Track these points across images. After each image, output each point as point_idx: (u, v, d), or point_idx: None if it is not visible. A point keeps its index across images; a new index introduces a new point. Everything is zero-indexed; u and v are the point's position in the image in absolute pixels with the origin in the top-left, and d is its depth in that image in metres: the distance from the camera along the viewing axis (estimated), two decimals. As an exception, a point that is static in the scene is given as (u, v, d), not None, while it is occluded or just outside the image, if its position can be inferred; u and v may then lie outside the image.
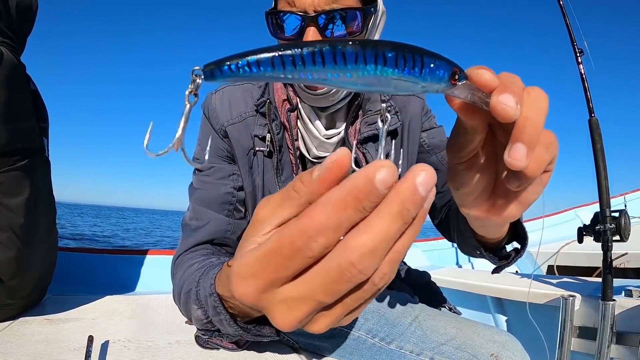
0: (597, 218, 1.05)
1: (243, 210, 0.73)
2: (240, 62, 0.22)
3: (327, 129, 0.70)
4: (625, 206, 1.10)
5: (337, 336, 0.70)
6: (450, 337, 0.60)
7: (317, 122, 0.69)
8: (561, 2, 1.16)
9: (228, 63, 0.22)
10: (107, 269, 1.58)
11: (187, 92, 0.23)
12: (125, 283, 1.54)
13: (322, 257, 0.21)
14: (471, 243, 0.52)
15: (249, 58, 0.22)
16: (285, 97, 0.69)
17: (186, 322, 0.94)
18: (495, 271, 0.54)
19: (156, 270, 1.62)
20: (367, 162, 0.71)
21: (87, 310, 1.04)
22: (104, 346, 0.77)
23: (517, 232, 0.51)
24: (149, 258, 1.64)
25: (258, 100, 0.71)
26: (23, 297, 0.98)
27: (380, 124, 0.29)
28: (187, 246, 0.68)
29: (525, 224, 0.50)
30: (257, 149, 0.70)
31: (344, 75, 0.22)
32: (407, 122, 0.74)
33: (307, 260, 0.21)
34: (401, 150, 0.73)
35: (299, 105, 0.70)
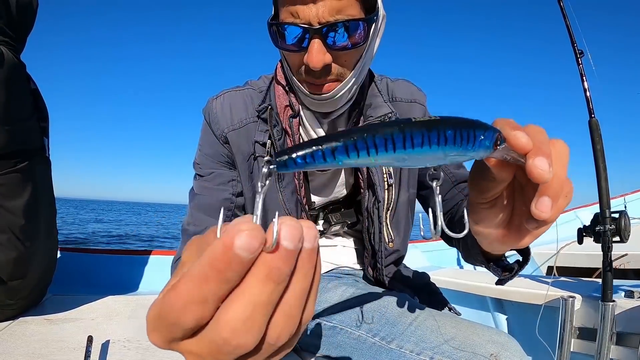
0: (597, 219, 1.05)
1: (241, 215, 0.73)
2: (314, 152, 0.22)
3: (328, 133, 0.71)
4: (625, 207, 1.10)
5: (337, 335, 0.70)
6: (450, 337, 0.60)
7: (319, 129, 0.69)
8: (561, 3, 1.16)
9: (302, 153, 0.22)
10: (107, 269, 1.58)
11: (259, 184, 0.22)
12: (125, 283, 1.54)
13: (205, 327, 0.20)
14: (478, 259, 0.52)
15: (324, 147, 0.21)
16: (288, 104, 0.69)
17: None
18: (499, 283, 0.54)
19: (156, 270, 1.62)
20: (368, 169, 0.72)
21: (87, 310, 1.04)
22: (104, 346, 0.77)
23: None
24: (148, 258, 1.64)
25: (259, 105, 0.70)
26: (23, 298, 0.98)
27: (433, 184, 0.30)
28: None
29: None
30: (257, 154, 0.69)
31: (409, 158, 0.23)
32: None
33: (188, 331, 0.20)
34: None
35: (301, 112, 0.70)
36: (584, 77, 1.12)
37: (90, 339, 0.73)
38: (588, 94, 1.11)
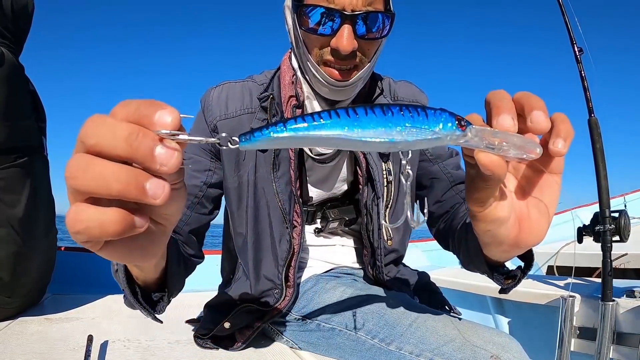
0: (597, 218, 1.05)
1: (210, 207, 0.73)
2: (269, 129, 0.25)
3: None
4: (625, 206, 1.10)
5: (336, 337, 0.70)
6: (450, 338, 0.60)
7: None
8: (560, 1, 1.15)
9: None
10: (107, 269, 1.58)
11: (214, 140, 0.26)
12: (125, 283, 1.53)
13: None
14: (481, 268, 0.53)
15: (283, 121, 0.25)
16: (293, 94, 0.70)
17: (186, 322, 0.94)
18: (502, 292, 0.54)
19: (156, 270, 1.62)
20: (367, 164, 0.72)
21: (86, 310, 1.04)
22: (104, 346, 0.77)
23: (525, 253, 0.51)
24: (148, 258, 1.64)
25: (261, 94, 0.71)
26: (22, 296, 0.98)
27: (403, 179, 0.32)
28: None
29: None
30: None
31: (359, 132, 0.25)
32: None
33: None
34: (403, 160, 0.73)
35: (305, 102, 0.70)
36: (584, 76, 1.12)
37: (90, 339, 0.73)
38: (588, 92, 1.11)
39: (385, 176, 0.72)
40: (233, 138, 0.26)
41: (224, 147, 0.26)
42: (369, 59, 0.64)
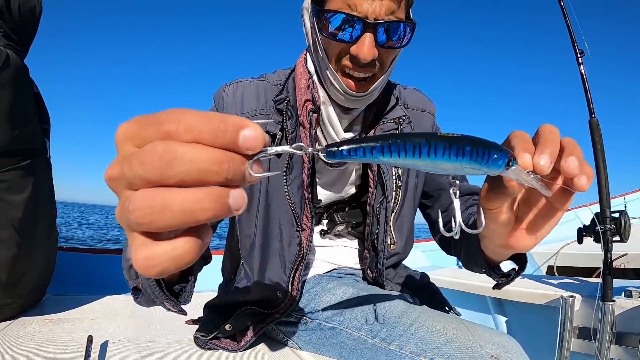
0: (597, 218, 1.05)
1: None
2: (357, 148, 0.26)
3: (345, 130, 0.71)
4: (625, 207, 1.10)
5: (337, 336, 0.70)
6: (450, 338, 0.60)
7: (338, 126, 0.70)
8: (562, 3, 1.16)
9: (348, 147, 0.26)
10: (107, 269, 1.58)
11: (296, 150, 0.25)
12: (125, 283, 1.53)
13: None
14: (479, 263, 0.55)
15: (364, 145, 0.26)
16: (310, 98, 0.69)
17: (186, 322, 0.94)
18: (496, 287, 0.58)
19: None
20: (379, 167, 0.73)
21: (86, 310, 1.04)
22: (104, 346, 0.77)
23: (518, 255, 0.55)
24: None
25: (277, 96, 0.71)
26: (22, 296, 0.98)
27: (452, 196, 0.34)
28: None
29: None
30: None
31: (431, 164, 0.28)
32: None
33: None
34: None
35: (321, 107, 0.70)
36: (585, 77, 1.12)
37: (90, 339, 0.73)
38: (588, 93, 1.11)
39: (395, 181, 0.73)
40: (325, 150, 0.26)
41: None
42: (386, 68, 0.64)
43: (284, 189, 0.68)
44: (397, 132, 0.71)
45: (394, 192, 0.73)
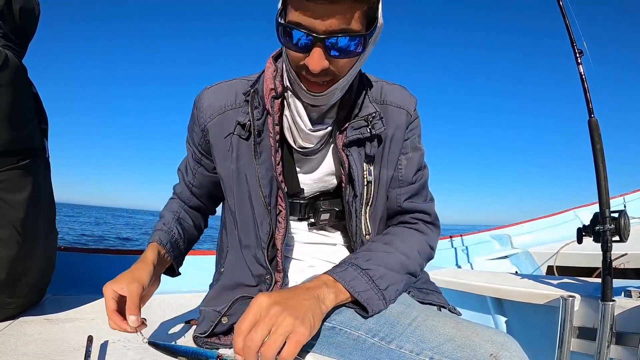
0: (597, 218, 1.05)
1: (210, 169, 0.87)
2: None
3: (315, 122, 0.75)
4: (625, 207, 1.10)
5: (336, 336, 0.70)
6: (450, 337, 0.60)
7: (304, 116, 0.73)
8: (561, 3, 1.16)
9: None
10: (107, 269, 1.58)
11: None
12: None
13: None
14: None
15: None
16: (273, 87, 0.74)
17: (186, 322, 0.94)
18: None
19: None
20: (349, 165, 0.75)
21: (87, 310, 1.04)
22: (104, 346, 0.77)
23: None
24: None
25: (247, 90, 0.77)
26: (22, 296, 0.98)
27: None
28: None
29: (524, 225, 0.52)
30: (235, 133, 0.77)
31: None
32: (392, 131, 0.79)
33: None
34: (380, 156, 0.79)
35: (289, 97, 0.73)
36: (584, 77, 1.12)
37: (90, 339, 0.74)
38: (588, 93, 1.11)
39: (365, 176, 0.77)
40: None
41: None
42: (344, 72, 0.66)
43: (254, 172, 0.75)
44: (368, 129, 0.75)
45: (365, 187, 0.77)
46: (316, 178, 0.81)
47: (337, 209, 0.83)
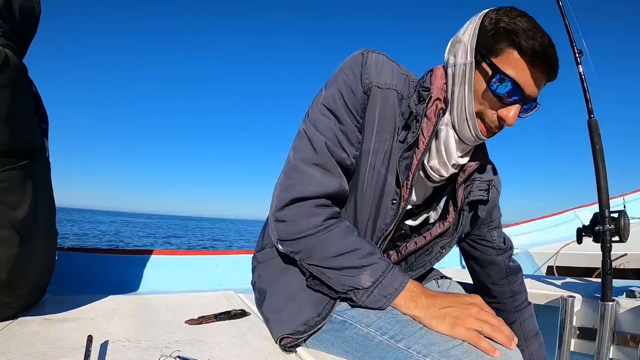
0: (597, 219, 1.05)
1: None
2: None
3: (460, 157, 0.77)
4: (625, 207, 1.10)
5: (345, 330, 0.70)
6: (459, 342, 0.60)
7: (453, 147, 0.74)
8: (560, 3, 1.16)
9: None
10: (107, 269, 1.58)
11: None
12: (125, 283, 1.54)
13: None
14: None
15: None
16: (441, 98, 0.73)
17: (186, 322, 0.94)
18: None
19: (156, 270, 1.62)
20: (459, 218, 0.80)
21: (86, 310, 1.04)
22: (104, 346, 0.77)
23: None
24: (149, 258, 1.64)
25: (420, 82, 0.76)
26: (22, 296, 0.98)
27: None
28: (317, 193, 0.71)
29: (524, 225, 0.53)
30: (398, 126, 0.73)
31: None
32: (490, 205, 0.87)
33: None
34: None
35: (442, 124, 0.74)
36: (583, 77, 1.12)
37: (90, 339, 0.73)
38: (587, 94, 1.11)
39: (460, 233, 0.82)
40: None
41: None
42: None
43: (396, 159, 0.73)
44: (486, 195, 0.79)
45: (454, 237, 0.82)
46: (418, 196, 0.82)
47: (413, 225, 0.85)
